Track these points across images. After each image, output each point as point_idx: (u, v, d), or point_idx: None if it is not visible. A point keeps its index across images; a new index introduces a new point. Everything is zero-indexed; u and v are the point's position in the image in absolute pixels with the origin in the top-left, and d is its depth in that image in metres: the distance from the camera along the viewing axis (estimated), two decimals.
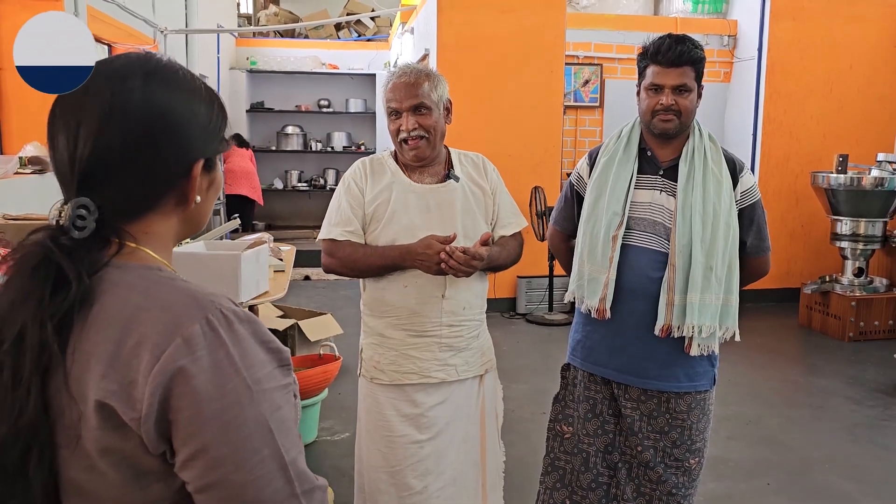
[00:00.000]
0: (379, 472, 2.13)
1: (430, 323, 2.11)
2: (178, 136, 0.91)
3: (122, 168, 0.88)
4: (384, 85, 2.16)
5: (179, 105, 0.91)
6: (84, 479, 0.84)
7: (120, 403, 0.80)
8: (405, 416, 2.13)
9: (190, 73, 0.96)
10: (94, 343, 0.82)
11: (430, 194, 2.13)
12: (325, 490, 0.90)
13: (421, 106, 2.08)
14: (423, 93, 2.07)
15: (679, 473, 2.18)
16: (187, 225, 0.98)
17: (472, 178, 2.21)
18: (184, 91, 0.93)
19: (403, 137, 2.09)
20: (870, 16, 6.83)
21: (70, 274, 0.83)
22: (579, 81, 7.15)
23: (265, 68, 10.56)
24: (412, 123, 2.07)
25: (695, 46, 2.09)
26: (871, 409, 4.40)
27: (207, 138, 0.95)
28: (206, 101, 0.95)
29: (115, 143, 0.87)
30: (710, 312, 2.09)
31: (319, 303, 6.61)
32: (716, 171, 2.12)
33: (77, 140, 0.87)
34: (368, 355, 2.18)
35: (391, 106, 2.10)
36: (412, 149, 2.09)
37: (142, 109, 0.88)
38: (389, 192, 2.12)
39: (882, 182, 5.74)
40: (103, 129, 0.87)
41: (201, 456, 0.81)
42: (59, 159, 0.89)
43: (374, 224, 2.12)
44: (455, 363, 2.16)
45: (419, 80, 2.09)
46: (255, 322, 0.88)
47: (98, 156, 0.87)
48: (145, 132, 0.88)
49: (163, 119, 0.90)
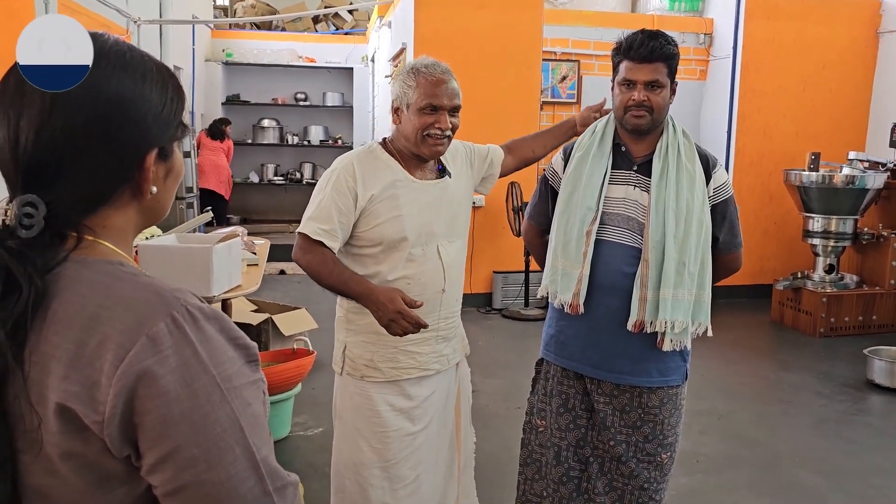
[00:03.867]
0: (371, 469, 2.12)
1: (429, 318, 2.10)
2: (129, 125, 0.86)
3: (68, 162, 0.83)
4: (415, 74, 2.07)
5: (129, 91, 0.86)
6: (46, 485, 0.81)
7: (81, 406, 0.77)
8: (399, 410, 2.13)
9: (140, 54, 0.90)
10: (53, 344, 0.79)
11: (429, 189, 2.13)
12: (297, 486, 0.88)
13: (457, 109, 2.09)
14: (458, 93, 2.09)
15: (651, 468, 2.20)
16: (147, 215, 0.93)
17: (459, 172, 2.24)
18: (134, 75, 0.87)
19: (435, 134, 2.04)
20: (843, 17, 6.92)
21: (20, 277, 0.79)
22: (557, 77, 7.16)
23: (241, 61, 10.48)
24: (448, 123, 2.06)
25: (668, 42, 2.09)
26: (840, 403, 4.47)
27: (161, 126, 0.89)
28: (159, 85, 0.89)
29: (59, 136, 0.82)
30: (682, 308, 2.10)
31: (294, 297, 6.56)
32: (689, 167, 2.13)
33: (18, 132, 0.82)
34: (357, 354, 2.14)
35: (431, 102, 2.03)
36: (436, 145, 2.06)
37: (87, 98, 0.83)
38: (394, 190, 2.07)
39: (853, 180, 5.82)
40: (45, 120, 0.82)
41: (172, 457, 0.78)
42: (0, 154, 0.84)
43: (373, 219, 2.06)
44: (447, 352, 2.21)
45: (452, 78, 2.10)
46: (221, 318, 0.86)
47: (42, 149, 0.82)
48: (92, 122, 0.83)
49: (111, 107, 0.84)
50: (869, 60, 7.02)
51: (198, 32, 9.53)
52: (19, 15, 4.39)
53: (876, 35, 7.01)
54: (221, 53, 10.51)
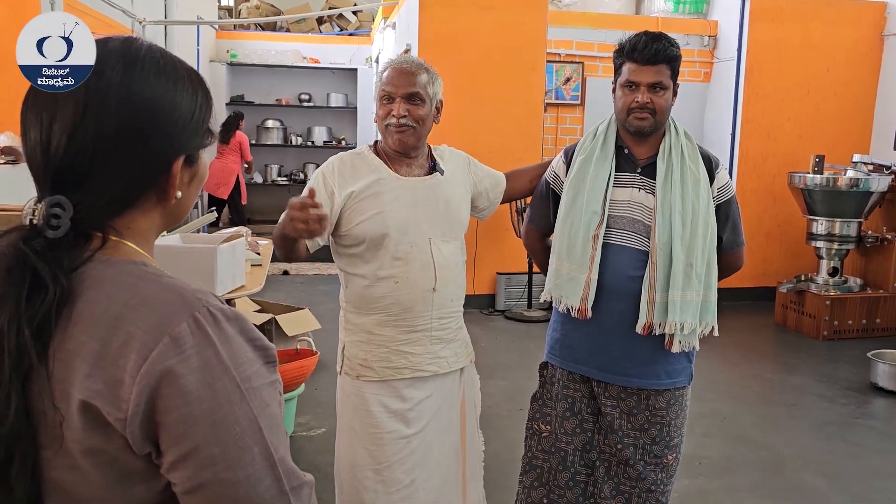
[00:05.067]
0: (365, 471, 2.11)
1: (420, 318, 2.11)
2: (159, 133, 0.87)
3: (98, 166, 0.84)
4: (381, 71, 2.15)
5: (160, 98, 0.87)
6: (67, 480, 0.82)
7: (105, 403, 0.78)
8: (393, 411, 2.12)
9: (173, 61, 0.91)
10: (78, 342, 0.80)
11: (418, 187, 2.13)
12: (312, 486, 0.90)
13: (415, 95, 2.08)
14: (419, 83, 2.09)
15: (658, 470, 2.19)
16: (169, 218, 0.95)
17: (455, 172, 2.23)
18: (166, 83, 0.88)
19: (392, 123, 2.07)
20: (848, 19, 6.91)
21: (46, 277, 0.81)
22: (560, 79, 7.16)
23: (246, 61, 10.49)
24: (402, 110, 2.06)
25: (670, 44, 2.09)
26: (843, 407, 4.46)
27: (190, 133, 0.91)
28: (190, 92, 0.91)
29: (90, 141, 0.83)
30: (691, 309, 2.10)
31: (297, 298, 6.57)
32: (693, 168, 2.13)
33: (50, 136, 0.83)
34: (353, 353, 2.15)
35: (386, 90, 2.09)
36: (397, 132, 2.08)
37: (120, 104, 0.84)
38: (378, 188, 2.09)
39: (857, 183, 5.81)
40: (78, 124, 0.83)
41: (193, 456, 0.80)
42: (31, 155, 0.85)
43: (356, 216, 2.08)
44: (445, 355, 2.17)
45: (418, 70, 2.11)
46: (241, 319, 0.87)
47: (73, 154, 0.83)
48: (123, 129, 0.84)
49: (143, 115, 0.85)
50: (874, 63, 7.01)
51: (202, 33, 9.55)
52: (27, 16, 4.41)
53: (881, 38, 7.00)
54: (226, 54, 10.53)
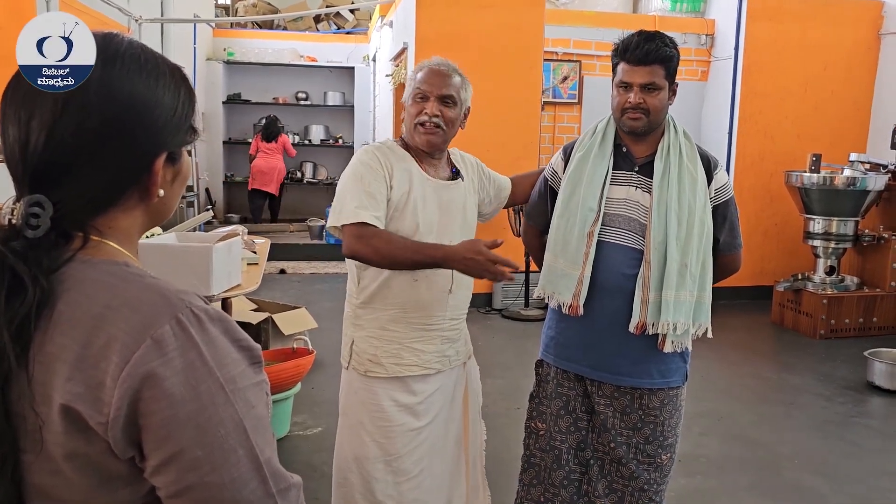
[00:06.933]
0: (375, 463, 2.14)
1: (435, 317, 2.13)
2: (141, 130, 0.85)
3: (78, 164, 0.82)
4: (414, 71, 2.15)
5: (142, 95, 0.85)
6: (49, 484, 0.81)
7: (86, 407, 0.77)
8: (402, 405, 2.15)
9: (154, 57, 0.89)
10: (59, 345, 0.79)
11: (442, 190, 2.15)
12: (300, 488, 0.88)
13: (449, 98, 2.10)
14: (453, 85, 2.11)
15: (651, 469, 2.19)
16: (152, 217, 0.93)
17: (472, 178, 2.27)
18: (148, 79, 0.86)
19: (423, 121, 2.08)
20: (845, 18, 6.91)
21: (25, 278, 0.79)
22: (558, 78, 7.16)
23: (242, 60, 10.47)
24: (435, 110, 2.07)
25: (665, 44, 2.07)
26: (840, 405, 4.46)
27: (172, 130, 0.89)
28: (172, 89, 0.89)
29: (69, 138, 0.81)
30: (684, 309, 2.09)
31: (294, 297, 6.56)
32: (691, 168, 2.13)
33: (29, 133, 0.82)
34: (362, 348, 2.15)
35: (421, 88, 2.09)
36: (427, 133, 2.09)
37: (100, 100, 0.82)
38: (409, 183, 2.09)
39: (854, 182, 5.82)
40: (57, 121, 0.81)
41: (177, 459, 0.78)
42: (9, 153, 0.83)
43: (391, 209, 2.06)
44: (450, 354, 2.21)
45: (453, 73, 2.13)
46: (225, 320, 0.86)
47: (52, 151, 0.81)
48: (104, 125, 0.83)
49: (123, 111, 0.84)
50: (871, 62, 7.02)
51: (199, 31, 9.52)
52: (22, 14, 4.39)
53: (878, 37, 7.00)
54: (223, 52, 10.51)
